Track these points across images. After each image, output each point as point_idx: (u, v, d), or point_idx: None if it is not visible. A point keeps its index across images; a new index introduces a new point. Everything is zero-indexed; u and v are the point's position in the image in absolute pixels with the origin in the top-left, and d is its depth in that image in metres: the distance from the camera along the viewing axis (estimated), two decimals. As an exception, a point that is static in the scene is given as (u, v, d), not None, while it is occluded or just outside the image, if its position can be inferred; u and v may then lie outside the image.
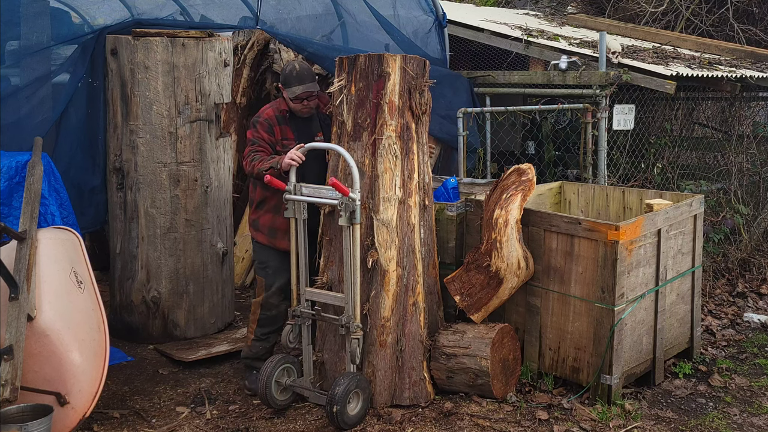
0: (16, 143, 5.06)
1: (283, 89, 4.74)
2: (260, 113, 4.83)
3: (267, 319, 4.84)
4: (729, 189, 7.46)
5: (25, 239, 4.14)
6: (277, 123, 4.75)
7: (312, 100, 4.76)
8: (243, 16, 6.50)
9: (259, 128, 4.74)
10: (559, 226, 4.63)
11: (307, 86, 4.70)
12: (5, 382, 3.65)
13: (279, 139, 4.75)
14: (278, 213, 4.69)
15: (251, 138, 4.77)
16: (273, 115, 4.78)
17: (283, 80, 4.72)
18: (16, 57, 5.42)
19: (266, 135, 4.72)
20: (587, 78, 6.52)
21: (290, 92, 4.68)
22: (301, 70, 4.70)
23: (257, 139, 4.73)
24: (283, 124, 4.77)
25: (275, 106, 4.84)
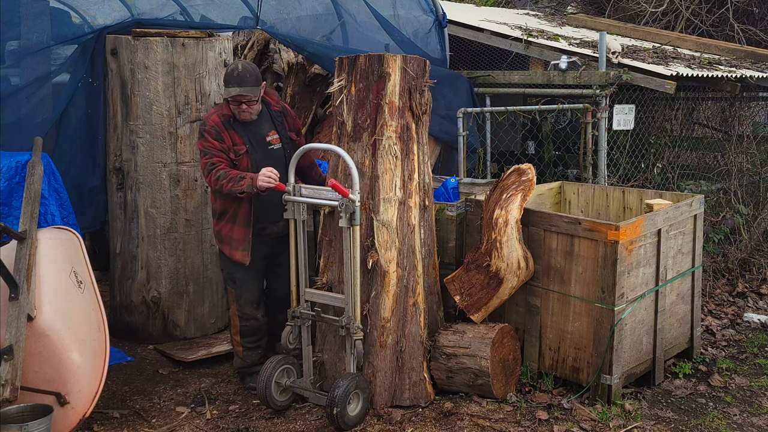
0: (16, 143, 5.06)
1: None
2: (205, 120, 4.59)
3: (249, 329, 4.76)
4: (729, 189, 7.46)
5: (25, 239, 4.14)
6: (225, 129, 4.53)
7: (252, 105, 4.54)
8: (243, 16, 6.49)
9: (208, 137, 4.50)
10: (559, 226, 4.63)
11: (245, 90, 4.46)
12: (5, 382, 3.65)
13: (230, 145, 4.53)
14: (236, 223, 4.58)
15: (202, 148, 4.53)
16: (219, 121, 4.54)
17: (224, 79, 4.53)
18: (16, 57, 5.42)
19: (217, 143, 4.49)
20: (587, 78, 6.52)
21: (225, 92, 4.50)
22: (243, 72, 4.46)
23: (209, 148, 4.49)
24: (230, 129, 4.55)
25: (219, 112, 4.60)
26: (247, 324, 4.74)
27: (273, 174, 4.35)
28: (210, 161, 4.48)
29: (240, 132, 4.57)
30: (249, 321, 4.74)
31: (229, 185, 4.38)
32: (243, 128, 4.59)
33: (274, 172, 4.37)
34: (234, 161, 4.53)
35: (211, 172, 4.45)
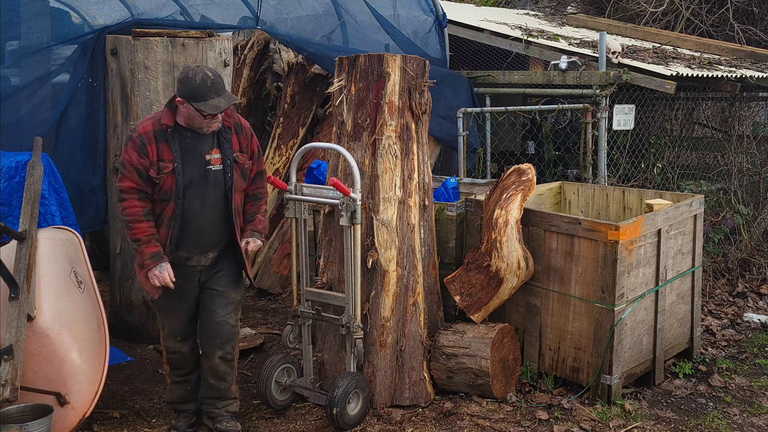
0: (16, 143, 5.06)
1: (186, 102, 3.83)
2: (137, 126, 3.98)
3: (175, 361, 4.25)
4: (729, 189, 7.46)
5: (25, 239, 4.14)
6: (154, 140, 3.88)
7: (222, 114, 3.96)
8: (243, 16, 6.50)
9: (129, 148, 3.88)
10: (559, 226, 4.63)
11: (229, 97, 3.92)
12: (5, 382, 3.65)
13: (153, 160, 3.86)
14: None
15: (121, 160, 3.93)
16: (151, 130, 3.90)
17: (191, 91, 3.80)
18: (16, 57, 5.42)
19: (135, 157, 3.84)
20: (587, 78, 6.52)
21: (207, 106, 3.81)
22: (216, 78, 3.86)
23: (125, 162, 3.88)
24: (161, 142, 3.88)
25: (156, 119, 3.95)
26: (173, 356, 4.22)
27: (167, 279, 3.88)
28: (121, 185, 3.89)
29: (173, 146, 3.89)
30: (174, 354, 4.22)
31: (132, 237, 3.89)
32: (181, 143, 3.92)
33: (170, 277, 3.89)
34: (155, 180, 3.87)
35: (122, 202, 3.89)
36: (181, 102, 3.85)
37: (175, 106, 3.92)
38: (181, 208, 3.92)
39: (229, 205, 4.04)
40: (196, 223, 3.97)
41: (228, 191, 4.02)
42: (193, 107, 3.83)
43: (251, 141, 4.15)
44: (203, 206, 3.98)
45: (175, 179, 3.89)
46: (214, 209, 4.01)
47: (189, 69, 3.90)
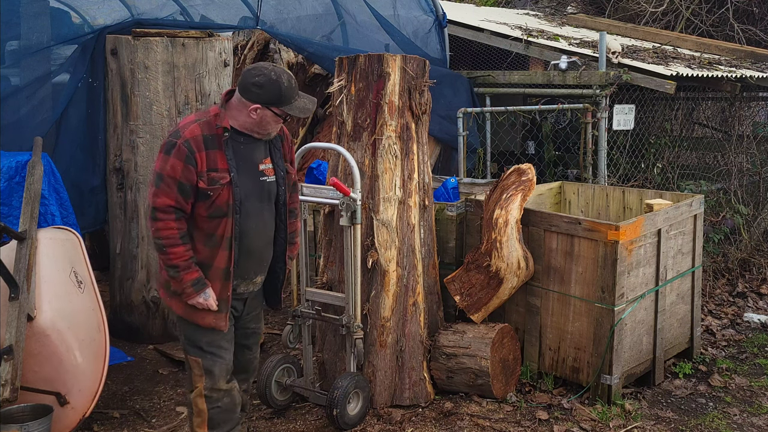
0: (16, 143, 5.06)
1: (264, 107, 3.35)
2: (178, 130, 3.34)
3: (221, 412, 3.55)
4: (729, 189, 7.46)
5: (25, 239, 4.14)
6: (204, 147, 3.33)
7: None
8: (243, 16, 6.50)
9: (173, 157, 3.28)
10: (559, 226, 4.63)
11: (309, 97, 3.50)
12: (5, 382, 3.65)
13: (202, 170, 3.31)
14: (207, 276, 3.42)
15: (159, 171, 3.30)
16: (199, 134, 3.33)
17: (279, 96, 3.34)
18: (16, 57, 5.42)
19: (180, 168, 3.27)
20: (587, 78, 6.52)
21: (294, 109, 3.39)
22: (292, 78, 3.43)
23: (167, 176, 3.28)
24: (211, 149, 3.35)
25: (204, 121, 3.36)
26: (219, 405, 3.53)
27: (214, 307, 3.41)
28: (157, 201, 3.29)
29: (228, 153, 3.38)
30: (221, 400, 3.53)
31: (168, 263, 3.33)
32: (236, 150, 3.42)
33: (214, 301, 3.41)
34: (208, 192, 3.33)
35: (155, 222, 3.31)
36: (258, 108, 3.34)
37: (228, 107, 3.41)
38: (240, 225, 3.42)
39: (282, 222, 3.62)
40: (251, 243, 3.49)
41: (281, 206, 3.60)
42: (273, 112, 3.37)
43: (292, 149, 3.75)
44: (258, 223, 3.50)
45: (232, 192, 3.37)
46: (267, 227, 3.56)
47: (264, 69, 3.35)
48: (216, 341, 3.49)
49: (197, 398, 3.50)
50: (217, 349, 3.49)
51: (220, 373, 3.50)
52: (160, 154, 3.33)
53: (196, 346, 3.48)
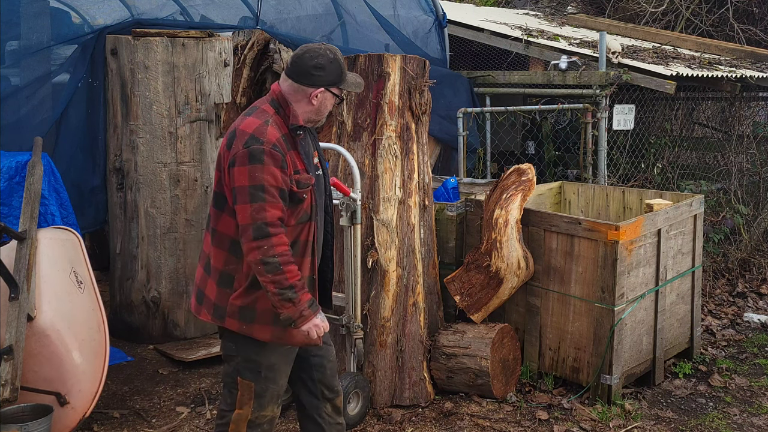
0: (16, 143, 5.06)
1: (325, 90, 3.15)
2: (255, 135, 3.00)
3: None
4: (729, 189, 7.46)
5: (25, 239, 4.14)
6: (286, 149, 3.07)
7: None
8: (243, 16, 6.50)
9: (272, 164, 2.97)
10: (559, 226, 4.63)
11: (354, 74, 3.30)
12: (5, 382, 3.65)
13: (291, 174, 3.05)
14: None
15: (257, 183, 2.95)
16: (279, 136, 3.04)
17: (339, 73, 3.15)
18: (16, 57, 5.42)
19: (279, 174, 2.99)
20: (587, 78, 6.52)
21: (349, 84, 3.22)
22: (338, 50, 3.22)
23: (269, 186, 2.96)
24: (291, 149, 3.10)
25: (274, 122, 3.08)
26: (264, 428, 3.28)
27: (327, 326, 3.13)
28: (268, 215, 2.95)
29: (301, 152, 3.14)
30: (262, 426, 3.25)
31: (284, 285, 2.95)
32: (301, 148, 3.17)
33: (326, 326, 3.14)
34: (301, 196, 3.09)
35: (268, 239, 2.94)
36: (319, 92, 3.14)
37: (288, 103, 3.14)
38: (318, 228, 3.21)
39: (330, 217, 3.36)
40: (319, 245, 3.29)
41: (329, 199, 3.38)
42: (333, 93, 3.17)
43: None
44: (320, 222, 3.28)
45: (313, 193, 3.17)
46: (325, 224, 3.35)
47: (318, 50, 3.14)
48: (277, 365, 3.21)
49: (240, 421, 3.21)
50: (275, 373, 3.21)
51: (271, 398, 3.23)
52: (247, 166, 2.95)
53: (255, 371, 3.17)
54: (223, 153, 3.09)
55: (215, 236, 3.14)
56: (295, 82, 3.13)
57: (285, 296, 2.96)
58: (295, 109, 3.13)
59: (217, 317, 3.14)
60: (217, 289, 3.13)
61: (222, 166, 3.09)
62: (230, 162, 3.00)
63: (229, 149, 3.03)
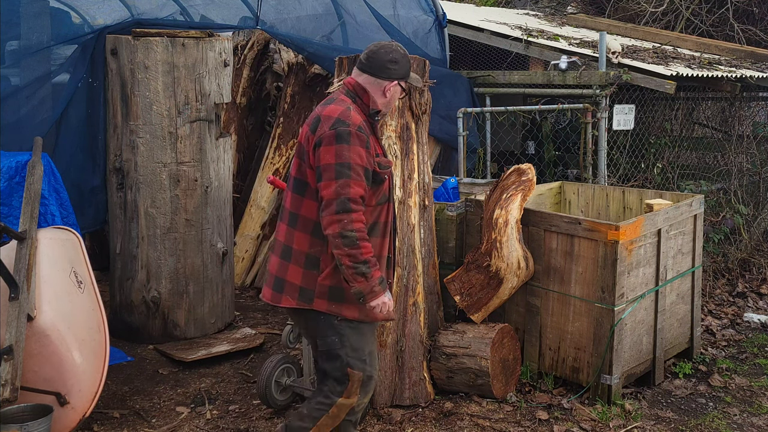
0: (16, 143, 5.06)
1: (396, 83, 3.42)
2: (341, 118, 3.20)
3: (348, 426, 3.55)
4: (729, 189, 7.46)
5: (25, 239, 4.14)
6: (369, 132, 3.31)
7: None
8: (243, 16, 6.50)
9: (358, 144, 3.17)
10: (559, 226, 4.63)
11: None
12: (5, 382, 3.65)
13: (373, 156, 3.28)
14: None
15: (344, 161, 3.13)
16: (362, 120, 3.28)
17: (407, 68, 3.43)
18: (16, 57, 5.42)
19: (364, 154, 3.19)
20: (587, 78, 6.52)
21: (414, 79, 3.51)
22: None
23: (355, 164, 3.15)
24: (371, 133, 3.33)
25: (356, 107, 3.33)
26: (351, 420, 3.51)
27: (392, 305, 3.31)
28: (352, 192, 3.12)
29: (378, 138, 3.44)
30: (356, 415, 3.52)
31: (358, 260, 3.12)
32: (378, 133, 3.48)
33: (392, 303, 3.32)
34: (383, 177, 3.33)
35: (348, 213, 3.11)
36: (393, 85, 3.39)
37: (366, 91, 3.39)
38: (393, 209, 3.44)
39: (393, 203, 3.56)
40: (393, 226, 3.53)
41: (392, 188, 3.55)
42: (401, 86, 3.46)
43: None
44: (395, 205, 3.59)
45: (390, 176, 3.43)
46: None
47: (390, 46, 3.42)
48: (374, 352, 3.43)
49: (344, 408, 3.37)
50: (374, 360, 3.41)
51: (372, 388, 3.43)
52: (334, 146, 3.15)
53: (361, 359, 3.35)
54: (305, 138, 3.28)
55: (298, 221, 3.29)
56: (371, 75, 3.38)
57: (359, 270, 3.12)
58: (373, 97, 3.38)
59: (305, 300, 3.28)
60: (303, 272, 3.28)
61: (304, 150, 3.27)
62: (316, 143, 3.20)
63: (314, 133, 3.22)
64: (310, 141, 3.23)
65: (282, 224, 3.40)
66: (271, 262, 3.41)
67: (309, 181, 3.27)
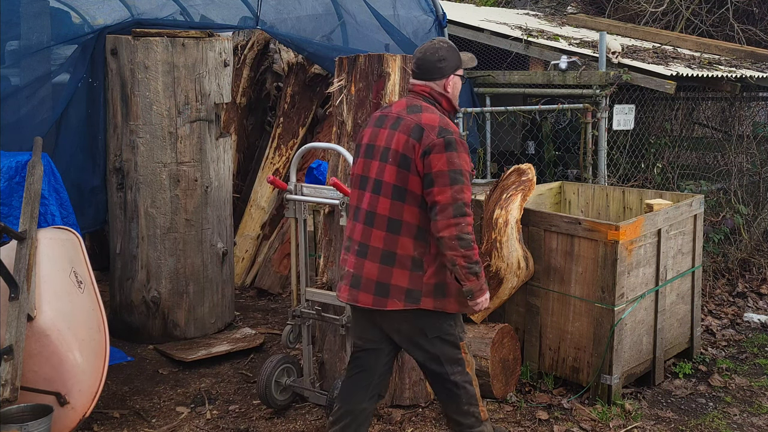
0: (16, 143, 5.06)
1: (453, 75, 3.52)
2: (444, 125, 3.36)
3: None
4: (729, 189, 7.46)
5: (25, 239, 4.14)
6: None
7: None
8: (243, 16, 6.50)
9: (463, 152, 3.35)
10: (559, 226, 4.63)
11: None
12: (5, 382, 3.65)
13: None
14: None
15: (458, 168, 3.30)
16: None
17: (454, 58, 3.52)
18: (16, 57, 5.42)
19: (470, 162, 3.41)
20: (587, 78, 6.52)
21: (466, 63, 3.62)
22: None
23: (466, 171, 3.35)
24: None
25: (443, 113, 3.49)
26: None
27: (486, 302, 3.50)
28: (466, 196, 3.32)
29: None
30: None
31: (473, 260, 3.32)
32: None
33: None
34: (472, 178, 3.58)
35: (465, 217, 3.30)
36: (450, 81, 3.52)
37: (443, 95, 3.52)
38: None
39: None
40: None
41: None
42: (459, 75, 3.55)
43: None
44: None
45: None
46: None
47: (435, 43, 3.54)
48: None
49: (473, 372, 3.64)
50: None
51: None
52: (444, 153, 3.30)
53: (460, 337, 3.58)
54: (407, 146, 3.36)
55: (402, 227, 3.39)
56: (429, 81, 3.50)
57: (472, 270, 3.32)
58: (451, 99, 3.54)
59: (412, 301, 3.39)
60: (409, 274, 3.39)
61: (409, 158, 3.35)
62: (424, 151, 3.31)
63: (419, 141, 3.33)
64: (416, 149, 3.33)
65: (376, 231, 3.43)
66: (367, 268, 3.44)
67: (412, 188, 3.37)
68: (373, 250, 3.43)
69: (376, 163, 3.46)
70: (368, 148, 3.51)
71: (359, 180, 3.54)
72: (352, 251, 3.49)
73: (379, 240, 3.42)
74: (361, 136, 3.62)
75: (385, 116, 3.52)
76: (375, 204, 3.43)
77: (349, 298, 3.50)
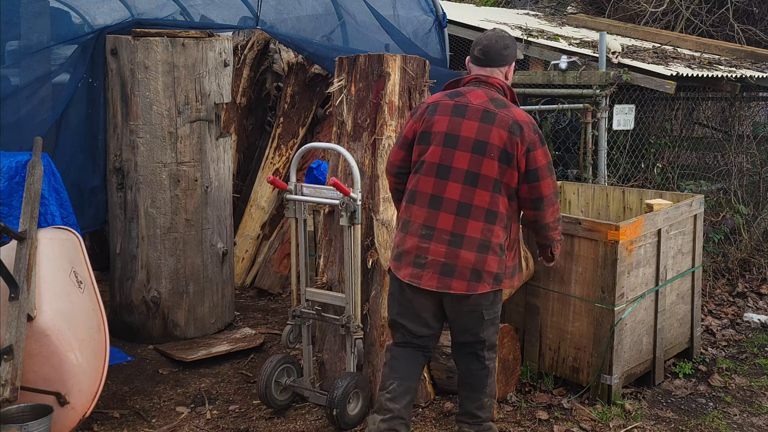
0: (16, 143, 5.05)
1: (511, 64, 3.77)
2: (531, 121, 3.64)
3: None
4: (729, 189, 7.46)
5: (25, 239, 4.14)
6: None
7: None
8: (243, 16, 6.50)
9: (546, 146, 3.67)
10: (559, 226, 4.63)
11: None
12: (5, 382, 3.65)
13: None
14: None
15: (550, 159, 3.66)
16: None
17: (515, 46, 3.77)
18: (16, 57, 5.41)
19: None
20: (587, 78, 6.52)
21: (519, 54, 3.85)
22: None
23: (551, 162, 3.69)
24: None
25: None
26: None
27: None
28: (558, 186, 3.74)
29: None
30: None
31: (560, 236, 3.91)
32: None
33: None
34: None
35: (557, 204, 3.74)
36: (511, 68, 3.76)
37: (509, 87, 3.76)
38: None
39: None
40: None
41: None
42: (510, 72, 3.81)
43: None
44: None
45: None
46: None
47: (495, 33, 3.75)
48: None
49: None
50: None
51: None
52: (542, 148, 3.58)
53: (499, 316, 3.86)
54: (511, 143, 3.54)
55: (497, 217, 3.58)
56: (496, 68, 3.70)
57: (560, 242, 3.94)
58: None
59: (497, 283, 3.64)
60: (498, 259, 3.62)
61: (511, 154, 3.54)
62: (527, 148, 3.55)
63: (520, 137, 3.54)
64: (518, 146, 3.53)
65: (473, 221, 3.57)
66: (464, 257, 3.57)
67: (507, 181, 3.58)
68: (469, 240, 3.56)
69: (464, 155, 3.56)
70: (448, 138, 3.58)
71: (436, 168, 3.60)
72: (439, 240, 3.58)
73: (476, 230, 3.56)
74: (429, 123, 3.66)
75: (464, 106, 3.61)
76: (471, 196, 3.56)
77: (440, 286, 3.59)
